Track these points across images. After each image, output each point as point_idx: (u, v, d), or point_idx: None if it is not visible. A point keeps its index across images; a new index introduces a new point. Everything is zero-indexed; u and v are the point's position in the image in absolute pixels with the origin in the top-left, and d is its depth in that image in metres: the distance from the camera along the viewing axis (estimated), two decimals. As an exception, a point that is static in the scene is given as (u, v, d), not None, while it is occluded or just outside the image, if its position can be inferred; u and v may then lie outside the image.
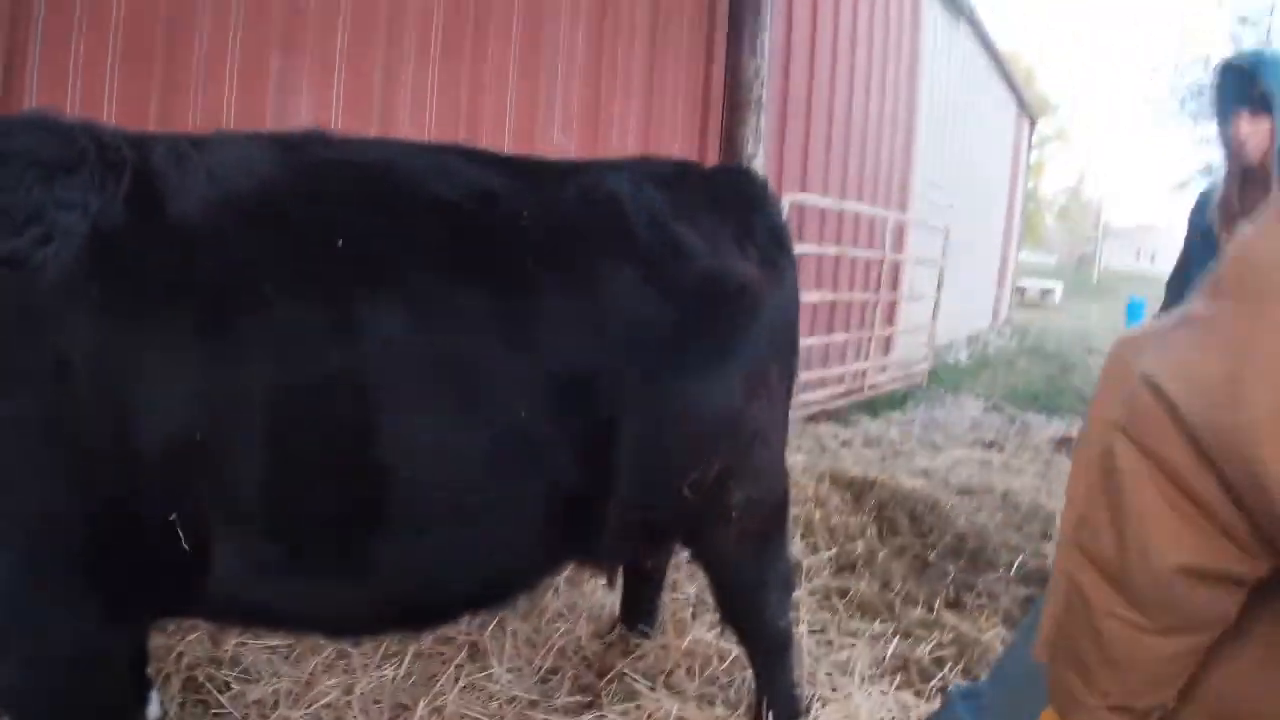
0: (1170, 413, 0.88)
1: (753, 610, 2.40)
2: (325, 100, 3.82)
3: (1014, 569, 3.95)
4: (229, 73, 3.46)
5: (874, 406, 7.43)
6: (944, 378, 9.36)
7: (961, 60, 10.65)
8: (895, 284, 7.90)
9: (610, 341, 1.85)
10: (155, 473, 1.57)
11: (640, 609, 2.97)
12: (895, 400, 7.87)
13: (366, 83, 3.95)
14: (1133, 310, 9.34)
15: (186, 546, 1.63)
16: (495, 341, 1.73)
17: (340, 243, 1.67)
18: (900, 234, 8.05)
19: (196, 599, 1.75)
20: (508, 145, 4.57)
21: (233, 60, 3.46)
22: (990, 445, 6.78)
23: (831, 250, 6.67)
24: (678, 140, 5.71)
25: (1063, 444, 6.70)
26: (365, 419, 1.66)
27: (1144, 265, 62.02)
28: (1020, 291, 14.45)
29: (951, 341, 10.98)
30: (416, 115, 4.16)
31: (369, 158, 1.85)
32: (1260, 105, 2.47)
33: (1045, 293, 29.36)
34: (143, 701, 2.18)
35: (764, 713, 2.47)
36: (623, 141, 5.33)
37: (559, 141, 4.94)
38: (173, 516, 1.59)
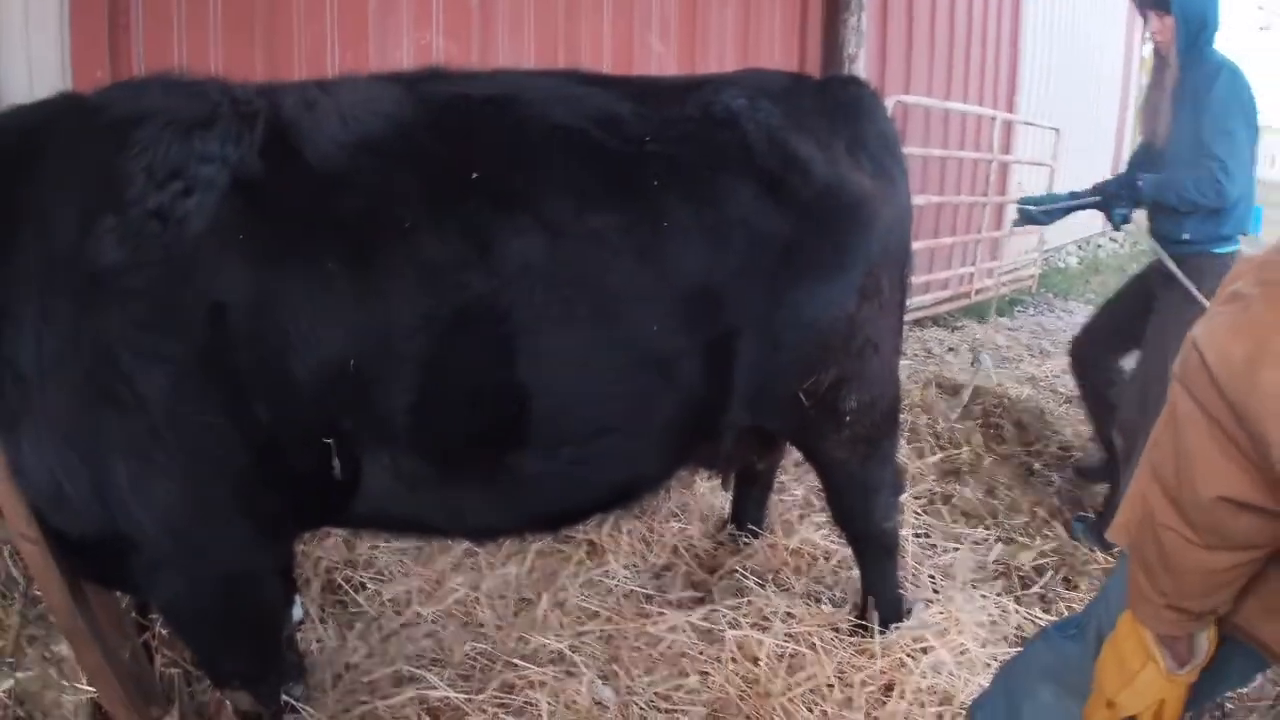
0: (1209, 375, 1.04)
1: (862, 512, 2.49)
2: (424, 26, 3.87)
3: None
4: (329, 9, 3.54)
5: (981, 311, 7.28)
6: (1053, 283, 9.05)
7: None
8: (1003, 187, 7.60)
9: (733, 256, 1.92)
10: (310, 401, 1.71)
11: (750, 510, 3.10)
12: (1003, 306, 7.68)
13: (464, 6, 3.99)
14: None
15: (339, 468, 1.80)
16: (626, 261, 1.82)
17: (475, 175, 1.75)
18: (1008, 134, 7.68)
19: (343, 513, 1.93)
20: (606, 56, 4.57)
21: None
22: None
23: (937, 152, 6.45)
24: (776, 43, 5.57)
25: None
26: (506, 341, 1.77)
27: (1262, 170, 57.23)
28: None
29: (1062, 245, 10.53)
30: (514, 34, 4.19)
31: (491, 89, 1.92)
32: (1162, 6, 3.07)
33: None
34: (289, 605, 2.43)
35: (868, 611, 2.59)
36: (721, 47, 5.24)
37: (658, 50, 4.89)
38: (327, 440, 1.75)
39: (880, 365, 2.25)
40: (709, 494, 3.41)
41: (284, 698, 2.23)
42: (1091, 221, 13.70)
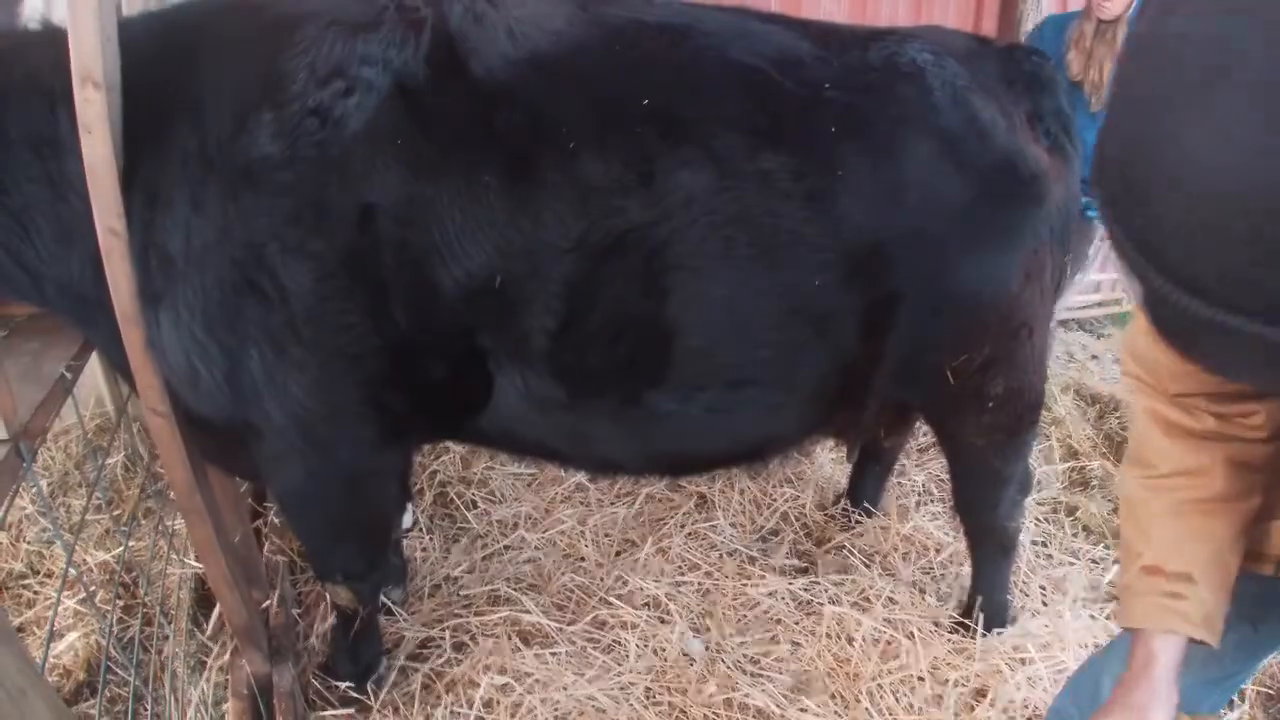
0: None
1: (987, 504, 2.38)
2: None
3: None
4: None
5: (1129, 321, 6.83)
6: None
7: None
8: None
9: (904, 214, 1.82)
10: (450, 312, 1.71)
11: (868, 487, 3.01)
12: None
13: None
14: None
15: (472, 381, 1.80)
16: (794, 206, 1.74)
17: (645, 101, 1.71)
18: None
19: (469, 428, 1.94)
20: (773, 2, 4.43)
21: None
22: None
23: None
24: (950, 5, 5.28)
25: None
26: (660, 273, 1.73)
27: None
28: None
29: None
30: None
31: (666, 18, 1.87)
32: None
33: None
34: (401, 511, 2.50)
35: (974, 610, 2.48)
36: (894, 7, 5.01)
37: (827, 6, 4.72)
38: (464, 352, 1.75)
39: (1032, 352, 2.13)
40: (828, 465, 3.34)
41: (381, 599, 2.32)
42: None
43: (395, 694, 2.21)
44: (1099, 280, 6.59)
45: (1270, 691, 2.54)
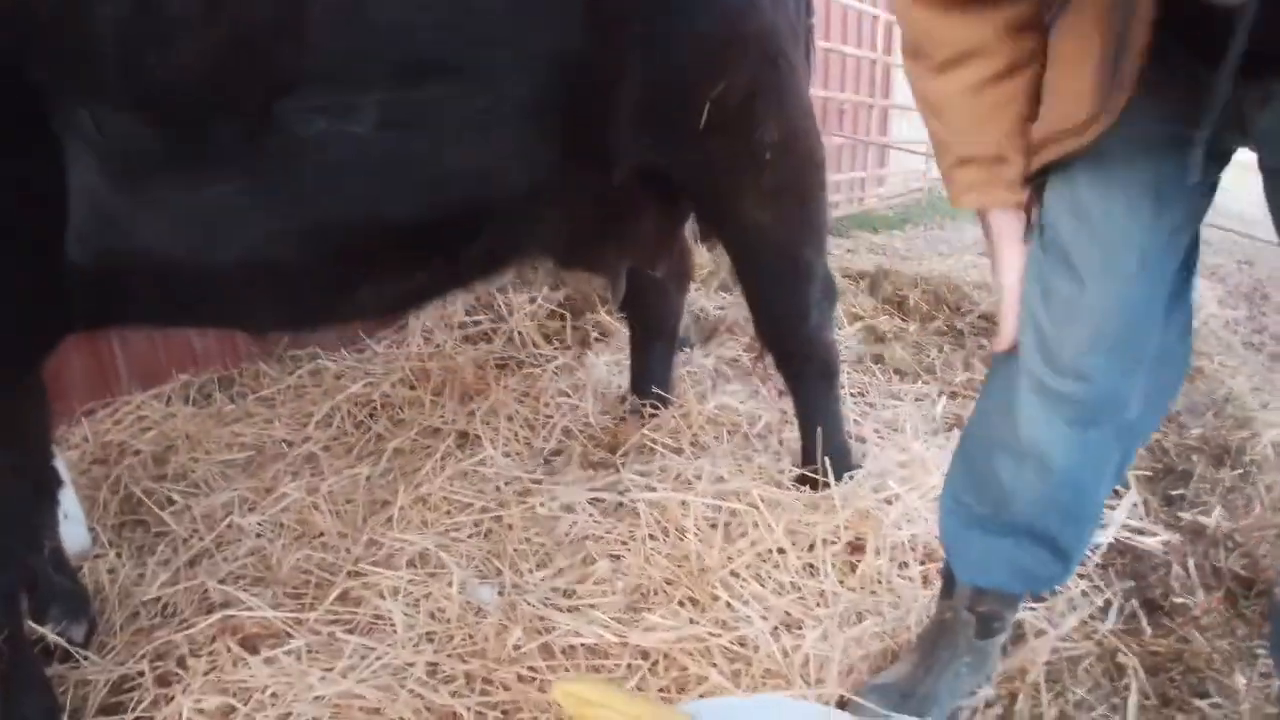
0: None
1: (793, 313, 1.95)
2: None
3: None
4: None
5: (871, 224, 6.92)
6: (940, 207, 8.84)
7: None
8: (888, 89, 7.23)
9: None
10: None
11: (654, 372, 2.51)
12: (893, 220, 7.36)
13: None
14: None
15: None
16: None
17: None
18: (890, 34, 7.31)
19: (51, 279, 1.25)
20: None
21: None
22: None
23: (820, 44, 6.00)
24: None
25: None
26: None
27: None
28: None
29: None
30: None
31: None
32: None
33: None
34: (40, 497, 1.65)
35: (817, 457, 2.04)
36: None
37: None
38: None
39: (797, 91, 1.74)
40: (602, 368, 2.82)
41: (58, 638, 1.60)
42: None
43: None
44: (837, 180, 6.62)
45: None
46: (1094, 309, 1.18)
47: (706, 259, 3.87)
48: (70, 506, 1.93)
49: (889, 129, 7.26)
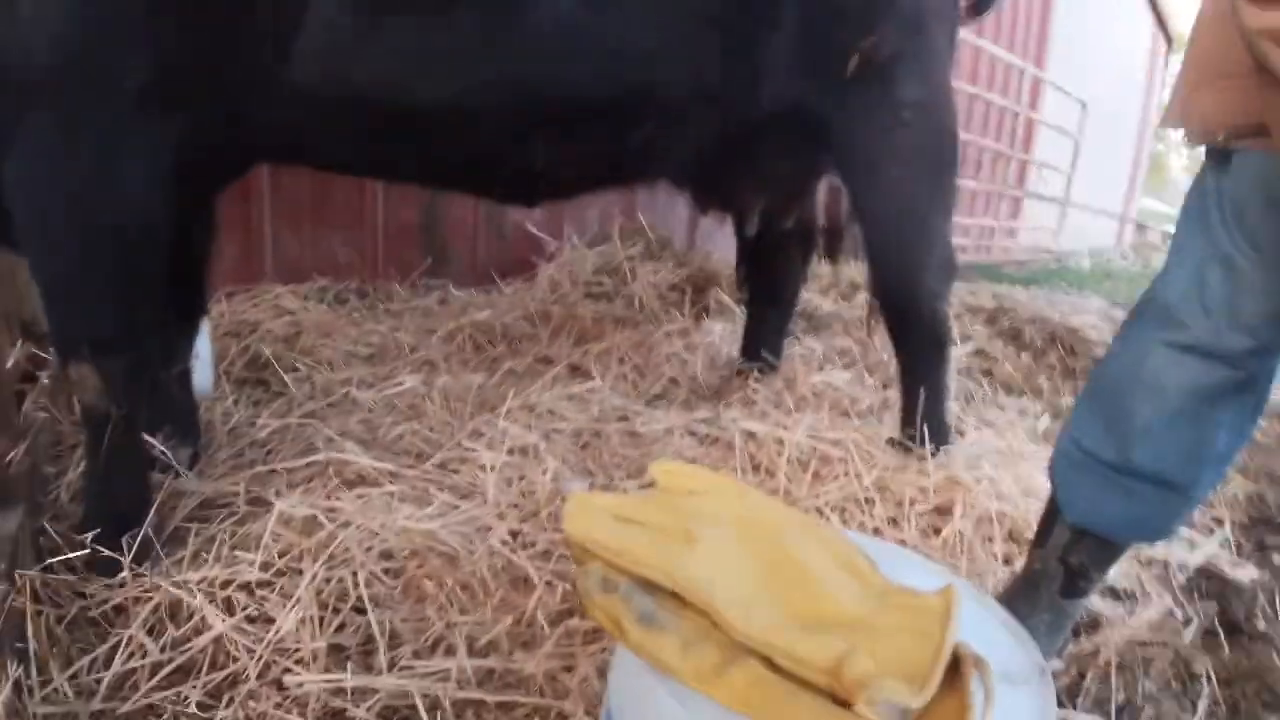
0: None
1: (913, 270, 1.99)
2: None
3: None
4: None
5: (997, 275, 6.80)
6: (1066, 277, 8.62)
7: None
8: (1028, 145, 7.13)
9: None
10: None
11: (766, 337, 2.58)
12: (1019, 278, 7.22)
13: None
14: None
15: None
16: None
17: None
18: (1035, 92, 7.23)
19: (263, 84, 1.41)
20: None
21: None
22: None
23: (966, 87, 5.98)
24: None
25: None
26: None
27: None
28: (1141, 229, 13.49)
29: (1074, 250, 10.14)
30: None
31: None
32: None
33: (1168, 236, 27.64)
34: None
35: (918, 422, 2.05)
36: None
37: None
38: None
39: (939, 62, 1.84)
40: (716, 333, 2.89)
41: (165, 452, 1.69)
42: (1103, 238, 13.40)
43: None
44: (967, 224, 6.55)
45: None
46: (1273, 293, 1.22)
47: (827, 270, 3.91)
48: (203, 349, 2.03)
49: (1026, 181, 7.14)
